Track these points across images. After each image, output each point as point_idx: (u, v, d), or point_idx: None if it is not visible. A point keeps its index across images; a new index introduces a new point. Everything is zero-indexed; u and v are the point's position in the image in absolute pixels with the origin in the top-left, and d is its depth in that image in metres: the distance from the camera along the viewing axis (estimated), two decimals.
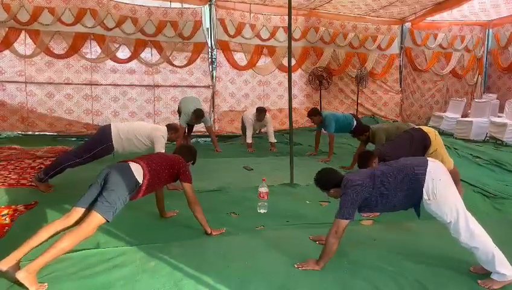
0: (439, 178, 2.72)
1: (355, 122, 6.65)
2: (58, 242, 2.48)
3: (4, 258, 2.45)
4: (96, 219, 2.62)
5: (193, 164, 3.66)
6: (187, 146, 3.77)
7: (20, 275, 2.34)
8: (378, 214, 3.86)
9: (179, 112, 7.24)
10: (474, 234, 2.63)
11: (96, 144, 4.48)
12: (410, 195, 2.77)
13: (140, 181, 2.92)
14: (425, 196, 2.71)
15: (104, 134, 4.49)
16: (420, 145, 4.43)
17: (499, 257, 2.59)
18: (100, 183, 2.78)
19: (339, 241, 2.74)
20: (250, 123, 7.30)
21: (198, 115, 6.70)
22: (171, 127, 4.96)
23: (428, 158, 2.90)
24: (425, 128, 4.62)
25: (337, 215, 2.75)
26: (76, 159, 4.39)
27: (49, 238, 2.58)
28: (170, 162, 3.25)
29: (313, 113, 6.86)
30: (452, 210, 2.67)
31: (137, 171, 2.93)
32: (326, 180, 2.98)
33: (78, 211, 2.70)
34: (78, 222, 2.67)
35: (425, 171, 2.72)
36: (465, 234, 2.64)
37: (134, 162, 3.00)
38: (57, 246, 2.46)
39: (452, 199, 2.71)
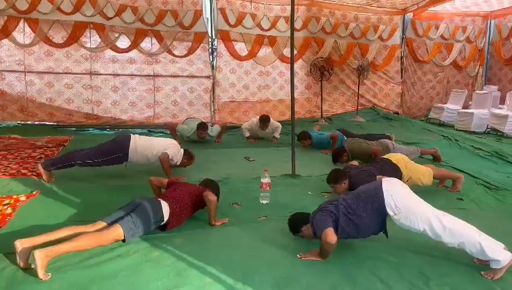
0: (396, 191, 2.78)
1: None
2: (80, 238, 2.60)
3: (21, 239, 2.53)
4: (117, 231, 2.76)
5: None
6: (212, 180, 3.78)
7: (37, 254, 2.38)
8: None
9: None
10: (455, 230, 2.63)
11: (112, 151, 4.49)
12: (375, 218, 2.82)
13: (166, 218, 3.10)
14: (391, 213, 2.75)
15: (122, 144, 4.51)
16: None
17: (487, 244, 2.57)
18: (130, 209, 2.96)
19: (335, 244, 2.71)
20: (245, 130, 7.35)
21: (202, 127, 6.68)
22: (188, 153, 4.87)
23: (382, 178, 2.98)
24: (393, 158, 4.36)
25: (320, 234, 2.74)
26: (89, 160, 4.40)
27: (68, 237, 2.63)
28: (195, 192, 3.40)
29: (303, 137, 6.75)
30: (421, 217, 2.69)
31: (165, 208, 3.10)
32: (297, 222, 3.04)
33: (102, 225, 2.84)
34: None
35: (382, 190, 2.79)
36: (445, 234, 2.64)
37: (163, 199, 3.17)
38: (78, 241, 2.58)
39: (417, 207, 2.75)
